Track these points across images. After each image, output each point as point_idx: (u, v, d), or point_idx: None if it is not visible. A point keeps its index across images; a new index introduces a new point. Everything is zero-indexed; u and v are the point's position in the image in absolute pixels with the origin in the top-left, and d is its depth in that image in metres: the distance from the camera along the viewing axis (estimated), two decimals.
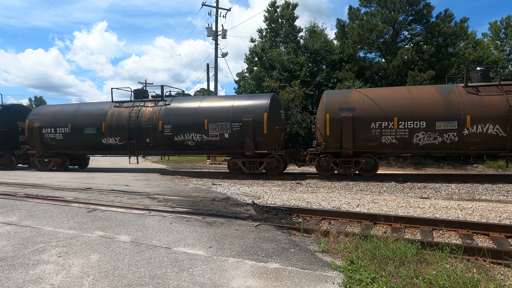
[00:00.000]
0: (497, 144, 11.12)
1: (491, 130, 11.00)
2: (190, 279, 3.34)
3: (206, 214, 6.02)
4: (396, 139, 11.77)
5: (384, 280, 3.13)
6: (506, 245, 4.48)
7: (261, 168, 13.23)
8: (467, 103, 11.23)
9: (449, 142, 11.38)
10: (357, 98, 12.33)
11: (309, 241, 4.63)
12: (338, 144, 12.21)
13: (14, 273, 3.52)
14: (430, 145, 11.60)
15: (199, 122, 13.51)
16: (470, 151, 11.64)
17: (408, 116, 11.53)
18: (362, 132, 11.95)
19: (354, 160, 12.21)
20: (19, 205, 7.06)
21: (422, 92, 12.09)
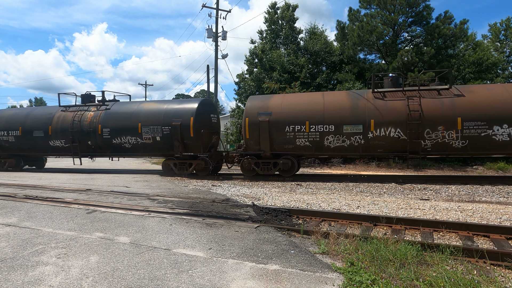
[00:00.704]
0: (400, 146, 11.72)
1: (393, 133, 11.64)
2: (189, 280, 3.33)
3: (206, 216, 6.01)
4: (309, 141, 12.41)
5: (384, 282, 3.12)
6: (506, 246, 4.47)
7: (191, 170, 14.02)
8: (372, 108, 11.90)
9: (356, 145, 12.01)
10: (275, 103, 13.10)
11: (309, 242, 4.61)
12: (258, 146, 12.95)
13: (13, 275, 3.51)
14: (341, 147, 12.25)
15: (134, 126, 14.44)
16: (376, 153, 12.24)
17: (319, 120, 12.22)
18: (278, 135, 12.66)
19: (273, 162, 12.90)
20: (18, 206, 7.05)
21: (334, 97, 12.83)
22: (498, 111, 10.81)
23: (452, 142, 11.26)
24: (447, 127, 11.18)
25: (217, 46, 26.08)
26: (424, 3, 22.03)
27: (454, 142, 11.23)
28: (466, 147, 11.21)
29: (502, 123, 10.79)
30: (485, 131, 10.93)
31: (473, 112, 11.00)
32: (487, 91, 11.44)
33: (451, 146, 11.31)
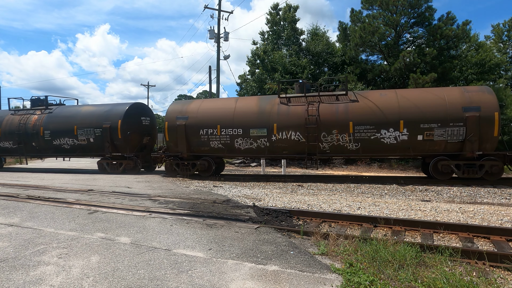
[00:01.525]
0: (300, 148, 12.43)
1: (293, 136, 12.39)
2: (189, 281, 3.35)
3: (206, 216, 6.03)
4: (221, 144, 13.30)
5: (383, 283, 3.13)
6: (506, 248, 4.47)
7: (121, 169, 15.12)
8: (276, 112, 12.69)
9: (263, 147, 12.85)
10: (192, 108, 13.97)
11: (308, 243, 4.63)
12: (177, 148, 13.85)
13: (15, 274, 3.55)
14: (249, 149, 13.08)
15: (71, 128, 15.77)
16: (282, 155, 13.09)
17: (229, 124, 13.06)
18: (194, 138, 13.56)
19: (192, 163, 13.74)
20: (21, 207, 7.10)
21: (245, 103, 13.61)
22: (385, 116, 11.60)
23: (346, 145, 12.08)
24: (341, 131, 11.97)
25: (219, 47, 26.15)
26: (426, 4, 21.99)
27: (348, 145, 12.06)
28: (359, 149, 12.03)
29: (388, 127, 11.60)
30: (374, 135, 11.72)
31: (363, 116, 11.77)
32: (379, 97, 12.12)
33: (346, 148, 12.13)
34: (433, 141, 11.40)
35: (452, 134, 11.22)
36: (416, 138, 11.48)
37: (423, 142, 11.51)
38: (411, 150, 11.71)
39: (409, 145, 11.65)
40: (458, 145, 11.34)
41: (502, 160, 11.24)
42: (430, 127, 11.28)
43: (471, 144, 11.08)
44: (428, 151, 11.72)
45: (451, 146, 11.40)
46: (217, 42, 26.16)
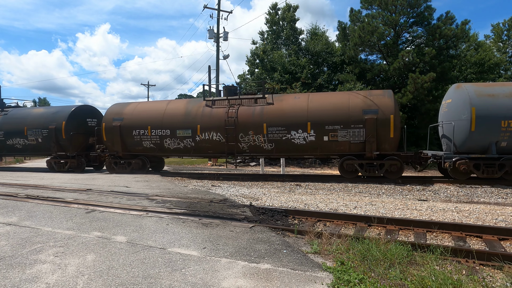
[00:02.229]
0: (222, 148, 13.43)
1: (215, 137, 13.35)
2: (182, 278, 3.40)
3: (202, 216, 6.09)
4: (152, 143, 14.36)
5: (372, 281, 3.18)
6: (498, 247, 4.51)
7: (67, 167, 16.26)
8: (200, 114, 13.65)
9: (189, 147, 13.86)
10: (128, 110, 15.00)
11: (302, 242, 4.68)
12: (114, 147, 14.95)
13: (12, 272, 3.61)
14: (177, 149, 14.17)
15: (21, 129, 16.92)
16: (207, 154, 14.13)
17: (159, 126, 14.07)
18: (128, 138, 14.63)
19: (128, 161, 14.87)
20: (19, 206, 7.17)
21: (175, 105, 14.59)
22: (295, 118, 12.41)
23: (262, 145, 12.98)
24: (256, 132, 12.84)
25: (219, 47, 26.18)
26: (425, 4, 22.05)
27: (264, 145, 12.97)
28: (273, 149, 12.95)
29: (298, 129, 12.42)
30: (285, 135, 12.57)
31: (275, 119, 12.61)
32: (292, 101, 12.96)
33: (262, 148, 13.02)
34: (338, 141, 12.19)
35: (354, 135, 11.98)
36: (322, 138, 12.27)
37: (329, 142, 12.26)
38: (319, 150, 12.54)
39: (317, 146, 12.44)
40: (360, 146, 12.07)
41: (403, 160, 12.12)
42: (334, 129, 12.10)
43: (370, 145, 11.83)
44: (335, 151, 12.57)
45: (354, 147, 12.14)
46: (216, 42, 26.21)
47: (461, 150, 11.57)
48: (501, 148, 11.09)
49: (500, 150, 11.11)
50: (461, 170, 11.33)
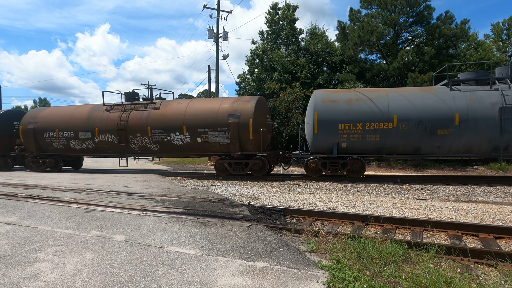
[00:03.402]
0: (117, 148, 15.03)
1: (110, 138, 14.99)
2: (179, 277, 3.44)
3: (201, 215, 6.12)
4: (61, 144, 15.99)
5: (366, 279, 3.22)
6: (493, 245, 4.55)
7: None
8: (99, 118, 15.26)
9: (90, 147, 15.55)
10: (43, 114, 16.66)
11: (299, 241, 4.72)
12: (29, 148, 16.61)
13: (11, 271, 3.65)
14: (82, 149, 15.82)
15: None
16: (106, 154, 15.87)
17: (65, 128, 15.74)
18: (41, 139, 16.19)
19: (43, 160, 16.63)
20: (19, 206, 7.21)
21: (81, 109, 16.12)
22: (174, 122, 13.91)
23: (149, 146, 14.52)
24: (142, 134, 14.41)
25: (218, 47, 26.21)
26: (424, 3, 22.04)
27: (151, 146, 14.50)
28: (159, 149, 14.52)
29: (176, 131, 13.91)
30: (166, 137, 14.08)
31: (158, 122, 14.15)
32: (175, 106, 14.40)
33: (150, 148, 14.61)
34: (209, 143, 13.66)
35: (221, 137, 13.37)
36: (196, 140, 13.75)
37: (202, 144, 13.75)
38: (195, 150, 14.07)
39: (192, 146, 13.91)
40: (228, 147, 13.41)
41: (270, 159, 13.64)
42: (205, 131, 13.53)
43: (234, 146, 13.18)
44: (208, 151, 14.12)
45: (224, 147, 13.54)
46: (216, 42, 26.23)
47: (312, 150, 12.84)
48: (343, 148, 12.31)
49: (342, 150, 12.34)
50: (311, 168, 12.66)
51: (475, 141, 11.39)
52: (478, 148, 11.51)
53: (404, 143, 11.86)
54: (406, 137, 11.74)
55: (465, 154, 11.76)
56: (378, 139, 11.89)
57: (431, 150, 11.80)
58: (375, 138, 11.90)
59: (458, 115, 11.30)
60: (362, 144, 12.09)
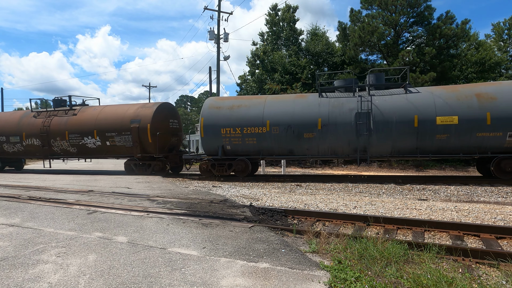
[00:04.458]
0: (41, 151, 16.57)
1: (36, 142, 16.56)
2: (182, 278, 3.46)
3: (202, 216, 6.15)
4: None
5: (368, 279, 3.23)
6: (495, 246, 4.55)
7: None
8: (27, 123, 16.82)
9: (20, 150, 17.24)
10: None
11: (301, 242, 4.73)
12: None
13: (14, 272, 3.67)
14: (14, 152, 17.40)
15: None
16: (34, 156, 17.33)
17: None
18: None
19: None
20: (22, 207, 7.25)
21: (14, 115, 17.95)
22: (87, 127, 15.46)
23: (68, 149, 16.13)
24: (61, 138, 15.99)
25: (219, 48, 26.26)
26: (425, 3, 22.05)
27: (70, 148, 16.10)
28: (77, 152, 16.19)
29: (88, 135, 15.49)
30: (81, 141, 15.74)
31: (74, 127, 15.74)
32: (91, 112, 15.94)
33: (69, 151, 16.22)
34: (117, 145, 15.09)
35: (126, 141, 14.83)
36: (106, 143, 15.29)
37: (111, 146, 15.21)
38: (105, 152, 15.66)
39: (103, 149, 15.45)
40: (131, 149, 14.90)
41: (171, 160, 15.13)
42: (112, 135, 15.07)
43: (136, 148, 14.70)
44: (117, 153, 15.44)
45: (129, 150, 14.94)
46: (217, 43, 26.28)
47: (204, 152, 14.11)
48: (228, 150, 13.38)
49: (228, 152, 13.42)
50: (203, 169, 13.88)
51: (337, 143, 12.39)
52: (341, 150, 12.53)
53: (278, 146, 12.89)
54: (278, 140, 12.79)
55: (332, 155, 12.86)
56: (256, 142, 12.99)
57: (302, 152, 12.83)
58: (253, 141, 13.02)
59: (320, 120, 12.33)
60: (243, 147, 13.22)
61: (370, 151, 12.16)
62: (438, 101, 11.56)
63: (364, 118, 11.90)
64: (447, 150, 11.66)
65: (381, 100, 12.12)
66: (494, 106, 11.06)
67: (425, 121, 11.46)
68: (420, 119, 11.49)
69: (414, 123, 11.52)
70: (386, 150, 12.14)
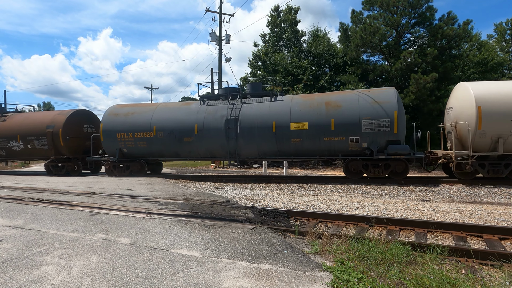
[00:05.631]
0: None
1: None
2: (184, 279, 3.47)
3: (205, 217, 6.15)
4: None
5: (371, 280, 3.23)
6: (498, 246, 4.53)
7: None
8: None
9: None
10: None
11: (303, 243, 4.73)
12: None
13: (18, 274, 3.69)
14: None
15: None
16: None
17: None
18: None
19: None
20: (25, 209, 7.28)
21: None
22: (12, 131, 17.38)
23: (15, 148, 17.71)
24: None
25: (221, 50, 26.33)
26: (427, 4, 22.04)
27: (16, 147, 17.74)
28: (6, 154, 18.04)
29: (13, 139, 17.35)
30: (8, 144, 17.45)
31: (2, 132, 17.60)
32: (18, 118, 17.90)
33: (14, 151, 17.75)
34: (36, 148, 16.99)
35: (43, 144, 16.76)
36: (28, 146, 17.14)
37: (32, 149, 17.13)
38: (28, 155, 17.68)
39: (26, 151, 17.35)
40: (48, 152, 16.66)
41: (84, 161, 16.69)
42: (32, 139, 16.87)
43: (51, 151, 16.56)
44: (38, 155, 17.33)
45: (48, 152, 16.75)
46: (218, 45, 26.35)
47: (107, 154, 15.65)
48: (126, 153, 15.16)
49: (126, 154, 15.19)
50: (106, 169, 15.59)
51: (212, 146, 13.81)
52: (218, 152, 13.97)
53: (165, 149, 14.41)
54: (164, 144, 14.31)
55: (211, 157, 14.59)
56: (146, 145, 14.57)
57: (186, 154, 14.40)
58: (144, 145, 14.61)
59: (196, 125, 13.76)
60: (136, 150, 14.85)
61: (240, 154, 13.62)
62: (294, 109, 12.81)
63: (233, 124, 13.24)
64: (302, 152, 12.79)
65: (248, 108, 13.46)
66: (338, 113, 12.13)
67: (281, 127, 12.66)
68: (278, 125, 12.71)
69: (272, 129, 12.77)
70: (253, 152, 13.50)
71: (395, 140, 11.80)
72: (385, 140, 11.80)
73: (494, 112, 10.73)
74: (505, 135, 10.79)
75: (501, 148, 10.82)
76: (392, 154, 11.61)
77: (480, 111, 10.80)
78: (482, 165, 11.17)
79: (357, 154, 12.11)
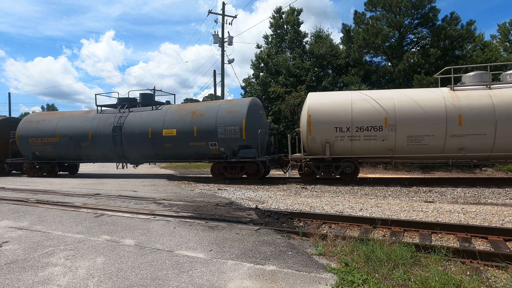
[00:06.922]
0: None
1: None
2: (189, 280, 3.49)
3: (209, 219, 6.17)
4: None
5: (375, 282, 3.23)
6: (503, 248, 4.51)
7: None
8: None
9: None
10: None
11: (307, 244, 4.73)
12: None
13: (24, 275, 3.72)
14: None
15: None
16: None
17: None
18: None
19: None
20: (30, 211, 7.33)
21: None
22: None
23: None
24: None
25: (224, 52, 26.40)
26: (429, 5, 21.98)
27: None
28: None
29: None
30: None
31: None
32: None
33: None
34: None
35: None
36: None
37: None
38: None
39: None
40: None
41: None
42: None
43: None
44: None
45: None
46: (221, 47, 26.42)
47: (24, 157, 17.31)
48: (38, 156, 16.92)
49: (39, 157, 16.93)
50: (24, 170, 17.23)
51: (104, 150, 15.49)
52: (110, 155, 15.64)
53: (69, 152, 16.27)
54: (67, 148, 16.09)
55: (106, 160, 16.26)
56: (52, 149, 16.43)
57: (86, 157, 16.21)
58: (51, 148, 16.47)
59: (90, 132, 15.58)
60: (46, 153, 16.69)
61: (127, 157, 15.39)
62: (167, 117, 14.37)
63: (119, 130, 14.97)
64: (175, 155, 14.52)
65: (132, 116, 15.15)
66: (200, 121, 13.65)
67: (156, 133, 14.30)
68: (153, 131, 14.37)
69: (149, 135, 14.46)
70: (138, 156, 15.24)
71: (246, 145, 13.15)
72: (237, 145, 13.18)
73: (321, 121, 12.13)
74: (331, 140, 12.12)
75: (328, 152, 12.16)
76: (243, 158, 13.04)
77: (310, 119, 12.23)
78: (317, 167, 12.49)
79: (218, 158, 13.75)
